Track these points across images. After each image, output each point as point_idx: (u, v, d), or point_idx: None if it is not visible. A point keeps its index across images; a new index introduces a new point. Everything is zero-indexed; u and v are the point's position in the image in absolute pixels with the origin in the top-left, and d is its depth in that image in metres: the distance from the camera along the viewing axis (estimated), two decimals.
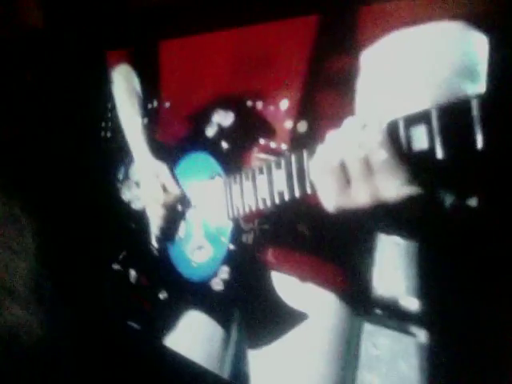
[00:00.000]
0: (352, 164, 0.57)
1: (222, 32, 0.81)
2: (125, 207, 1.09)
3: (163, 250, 0.99)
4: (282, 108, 0.72)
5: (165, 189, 0.96)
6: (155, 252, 1.01)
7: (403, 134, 0.49)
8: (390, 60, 0.57)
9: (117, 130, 1.10)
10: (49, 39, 1.25)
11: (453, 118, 0.44)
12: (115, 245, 1.14)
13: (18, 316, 0.71)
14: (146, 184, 1.02)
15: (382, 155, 0.52)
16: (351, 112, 0.61)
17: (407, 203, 0.52)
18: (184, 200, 0.92)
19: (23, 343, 0.70)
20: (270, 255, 0.77)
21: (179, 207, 0.93)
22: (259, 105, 0.75)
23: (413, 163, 0.50)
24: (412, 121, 0.49)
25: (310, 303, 0.72)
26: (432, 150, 0.46)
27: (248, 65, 0.77)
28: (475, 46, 0.49)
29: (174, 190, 0.94)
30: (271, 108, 0.73)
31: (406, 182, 0.52)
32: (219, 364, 0.88)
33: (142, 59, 1.03)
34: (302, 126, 0.69)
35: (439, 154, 0.45)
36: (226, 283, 0.84)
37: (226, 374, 0.86)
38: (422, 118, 0.47)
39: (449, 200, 0.49)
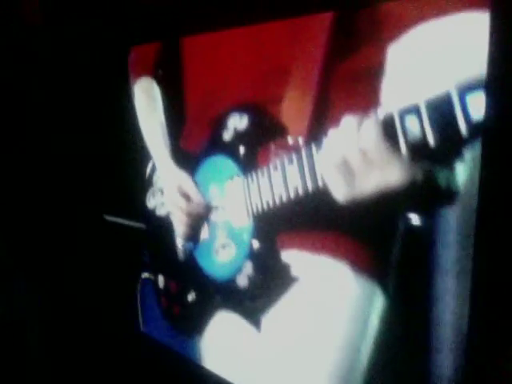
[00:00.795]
0: (353, 158, 0.63)
1: (237, 35, 0.84)
2: (150, 214, 1.14)
3: (189, 253, 1.04)
4: (294, 107, 0.76)
5: (187, 195, 1.01)
6: (181, 255, 1.06)
7: (398, 126, 0.57)
8: (414, 54, 0.58)
9: (134, 130, 1.14)
10: (49, 37, 1.28)
11: (439, 108, 0.51)
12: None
13: None
14: (169, 192, 1.07)
15: (379, 147, 0.59)
16: (363, 108, 0.64)
17: (408, 187, 0.59)
18: (206, 204, 0.97)
19: None
20: (291, 239, 0.81)
21: (202, 211, 0.99)
22: (273, 105, 0.79)
23: (408, 152, 0.57)
24: (404, 114, 0.56)
25: (331, 280, 0.75)
26: (424, 138, 0.53)
27: (262, 67, 0.81)
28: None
29: (196, 196, 0.99)
30: (284, 107, 0.77)
31: (404, 169, 0.58)
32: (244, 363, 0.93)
33: (162, 70, 1.06)
34: (314, 123, 0.73)
35: (431, 141, 0.53)
36: (251, 278, 0.89)
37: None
38: (413, 110, 0.54)
39: (443, 181, 0.56)
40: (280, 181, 0.78)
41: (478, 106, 0.49)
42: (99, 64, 1.21)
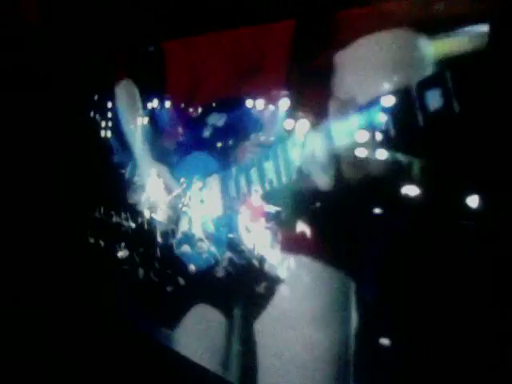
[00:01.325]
0: (321, 153, 0.69)
1: (214, 40, 0.92)
2: (132, 209, 1.17)
3: (169, 246, 1.06)
4: (268, 105, 0.81)
5: (168, 191, 1.05)
6: (161, 249, 1.09)
7: (362, 119, 0.61)
8: (359, 60, 0.67)
9: (117, 130, 1.20)
10: (47, 38, 1.31)
11: (398, 103, 0.57)
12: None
13: None
14: (151, 188, 1.10)
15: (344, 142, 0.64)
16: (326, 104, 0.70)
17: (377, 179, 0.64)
18: (185, 198, 1.01)
19: None
20: (268, 233, 0.84)
21: (181, 205, 1.02)
22: (249, 105, 0.84)
23: (376, 141, 0.62)
24: (369, 106, 0.61)
25: (304, 274, 0.79)
26: (387, 129, 0.58)
27: (238, 69, 0.88)
28: (420, 47, 0.60)
29: (176, 191, 1.03)
30: (259, 107, 0.82)
31: (371, 160, 0.63)
32: (224, 354, 0.95)
33: (141, 73, 1.14)
34: (287, 120, 0.78)
35: (392, 132, 0.58)
36: (228, 269, 0.92)
37: (230, 364, 0.94)
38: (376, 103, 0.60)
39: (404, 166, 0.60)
40: (256, 175, 0.82)
41: (435, 100, 0.54)
42: (89, 66, 1.25)
